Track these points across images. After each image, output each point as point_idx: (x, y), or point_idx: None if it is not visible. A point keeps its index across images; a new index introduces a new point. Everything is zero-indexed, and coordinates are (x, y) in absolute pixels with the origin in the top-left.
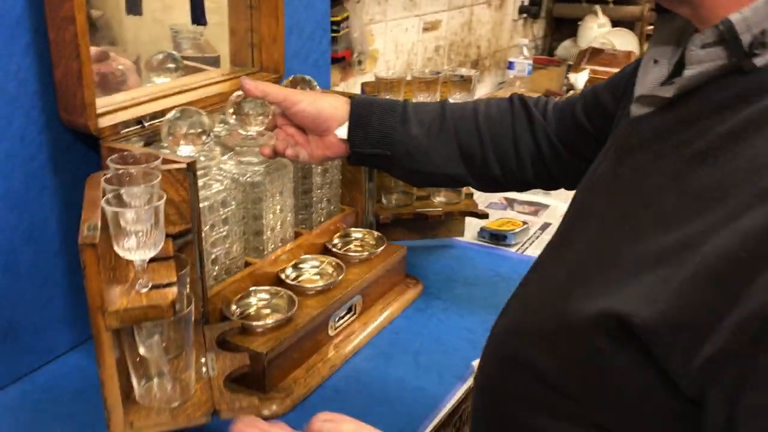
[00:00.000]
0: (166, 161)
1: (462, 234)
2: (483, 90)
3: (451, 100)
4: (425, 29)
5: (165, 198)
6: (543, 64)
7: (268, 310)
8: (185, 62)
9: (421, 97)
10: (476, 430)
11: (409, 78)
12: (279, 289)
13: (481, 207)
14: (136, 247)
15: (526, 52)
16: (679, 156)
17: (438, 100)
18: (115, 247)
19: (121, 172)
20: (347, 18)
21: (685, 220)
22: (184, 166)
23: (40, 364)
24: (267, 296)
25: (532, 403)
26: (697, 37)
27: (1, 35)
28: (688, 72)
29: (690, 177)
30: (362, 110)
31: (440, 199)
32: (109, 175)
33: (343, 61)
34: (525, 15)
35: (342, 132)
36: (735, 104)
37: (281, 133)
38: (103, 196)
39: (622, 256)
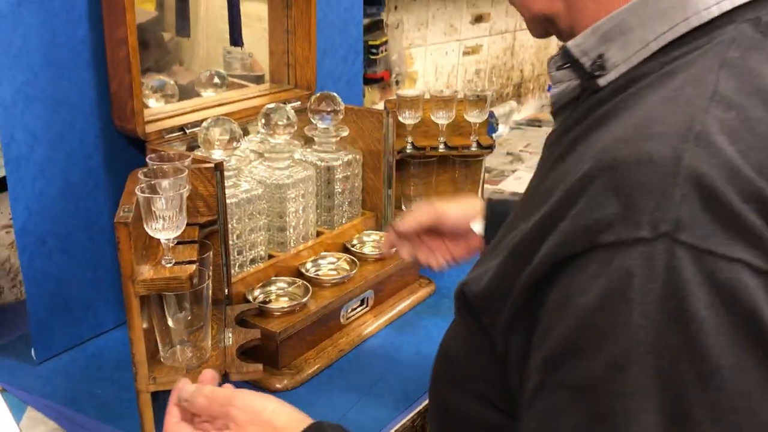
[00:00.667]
0: (197, 161)
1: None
2: (527, 111)
3: (467, 117)
4: (465, 53)
5: (188, 189)
6: None
7: (285, 297)
8: (231, 79)
9: (440, 114)
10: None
11: (427, 96)
12: (297, 279)
13: None
14: (162, 228)
15: None
16: (548, 162)
17: (454, 116)
18: (146, 228)
19: (155, 167)
20: (386, 42)
21: (525, 218)
22: (212, 165)
23: (89, 337)
24: (285, 285)
25: (442, 375)
26: (552, 59)
27: (67, 52)
28: (553, 90)
29: (544, 179)
30: (496, 208)
31: None
32: (146, 170)
33: (382, 82)
34: None
35: (477, 228)
36: (585, 116)
37: (423, 248)
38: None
39: (499, 246)
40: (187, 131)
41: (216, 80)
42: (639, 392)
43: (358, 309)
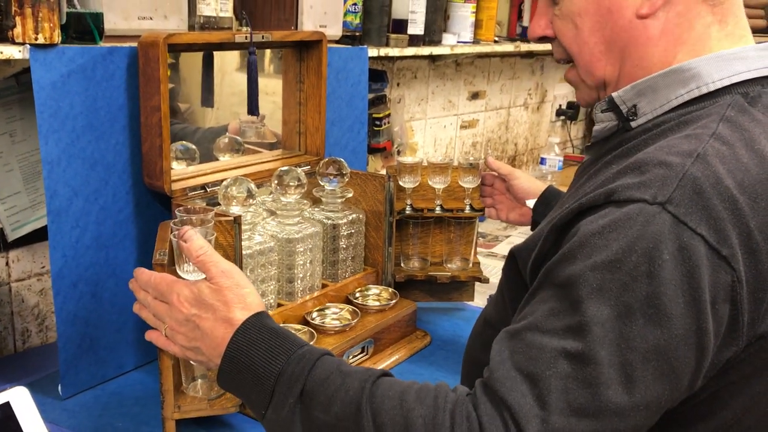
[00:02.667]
0: (218, 215)
1: (472, 299)
2: None
3: (461, 183)
4: (463, 127)
5: (214, 236)
6: (574, 161)
7: None
8: (247, 146)
9: (436, 179)
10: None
11: (425, 164)
12: (303, 326)
13: (487, 275)
14: (192, 271)
15: (556, 149)
16: (585, 176)
17: (449, 182)
18: (177, 270)
19: (185, 218)
20: (389, 115)
21: (565, 204)
22: (231, 218)
23: (112, 376)
24: (292, 331)
25: (480, 341)
26: (597, 105)
27: (106, 118)
28: (596, 127)
29: (583, 186)
30: (550, 193)
31: (451, 266)
32: (176, 220)
33: (385, 151)
34: (562, 117)
35: (531, 203)
36: (616, 147)
37: (498, 195)
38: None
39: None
40: (208, 189)
41: (234, 146)
42: (603, 290)
43: (359, 356)
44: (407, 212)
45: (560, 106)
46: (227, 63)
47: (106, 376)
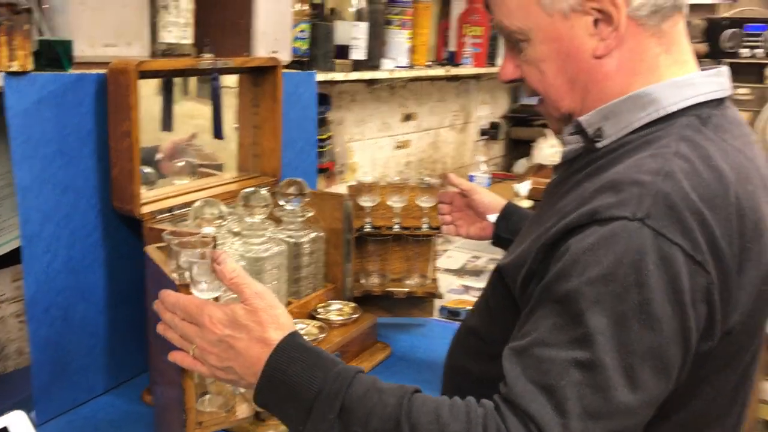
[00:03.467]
0: (200, 235)
1: (431, 315)
2: None
3: (418, 202)
4: (397, 147)
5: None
6: (501, 178)
7: None
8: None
9: (395, 198)
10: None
11: (383, 183)
12: None
13: (442, 291)
14: (207, 290)
15: (483, 167)
16: (557, 194)
17: (407, 201)
18: (193, 290)
19: (175, 240)
20: (331, 136)
21: (544, 224)
22: (210, 238)
23: (83, 400)
24: None
25: (464, 349)
26: (566, 129)
27: (75, 144)
28: (565, 149)
29: (557, 203)
30: (510, 208)
31: (410, 282)
32: (177, 242)
33: (328, 171)
34: (485, 137)
35: (492, 218)
36: (585, 167)
37: (456, 212)
38: (168, 255)
39: (522, 241)
40: (175, 212)
41: (188, 170)
42: (599, 302)
43: None
44: (366, 230)
45: (482, 126)
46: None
47: (77, 401)
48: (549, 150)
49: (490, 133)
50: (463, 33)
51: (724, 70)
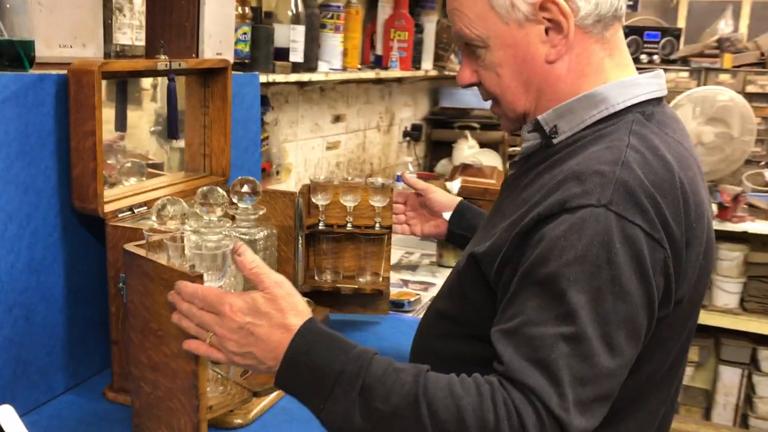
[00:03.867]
0: (163, 232)
1: (387, 312)
2: None
3: (371, 202)
4: (328, 148)
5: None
6: (424, 178)
7: None
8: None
9: (348, 198)
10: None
11: (336, 183)
12: None
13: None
14: (215, 280)
15: (410, 167)
16: (518, 186)
17: (359, 200)
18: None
19: (152, 236)
20: (267, 137)
21: (511, 214)
22: (179, 236)
23: (44, 400)
24: None
25: (435, 332)
26: (524, 127)
27: (36, 143)
28: (524, 145)
29: (520, 195)
30: (463, 206)
31: (363, 279)
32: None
33: (265, 172)
34: (408, 138)
35: (447, 215)
36: (543, 161)
37: (410, 212)
38: (148, 251)
39: (489, 232)
40: (135, 211)
41: (137, 170)
42: (578, 281)
43: None
44: (320, 227)
45: (405, 128)
46: None
47: (39, 401)
48: (469, 151)
49: (412, 134)
50: (391, 37)
51: (661, 73)
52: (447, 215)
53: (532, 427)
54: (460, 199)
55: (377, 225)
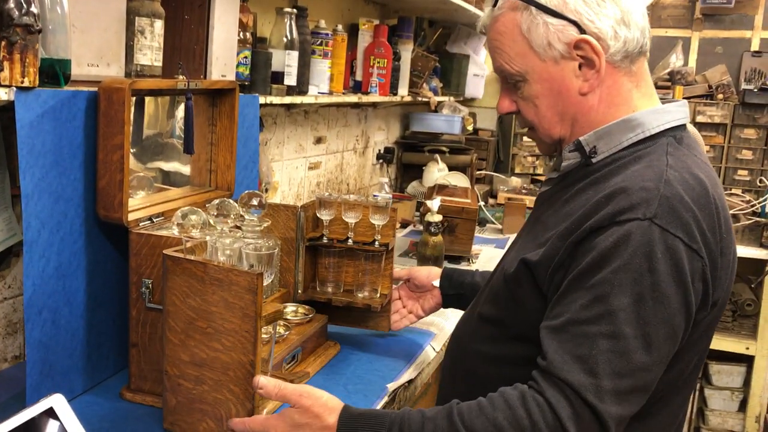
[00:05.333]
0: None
1: (387, 329)
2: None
3: (371, 220)
4: (310, 168)
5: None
6: (398, 199)
7: None
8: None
9: (349, 214)
10: (446, 374)
11: (339, 200)
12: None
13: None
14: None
15: (386, 188)
16: (558, 201)
17: (360, 218)
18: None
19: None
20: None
21: (556, 225)
22: (207, 241)
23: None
24: None
25: (479, 335)
26: (565, 147)
27: (68, 155)
28: (564, 164)
29: (562, 208)
30: (448, 271)
31: (362, 294)
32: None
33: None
34: (381, 160)
35: (436, 283)
36: (583, 178)
37: (407, 301)
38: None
39: (534, 241)
40: (154, 221)
41: (145, 184)
42: (621, 285)
43: (292, 362)
44: (323, 241)
45: (379, 150)
46: None
47: None
48: (438, 173)
49: (385, 157)
50: (371, 64)
51: (685, 102)
52: (436, 283)
53: (567, 419)
54: (440, 269)
55: (376, 242)
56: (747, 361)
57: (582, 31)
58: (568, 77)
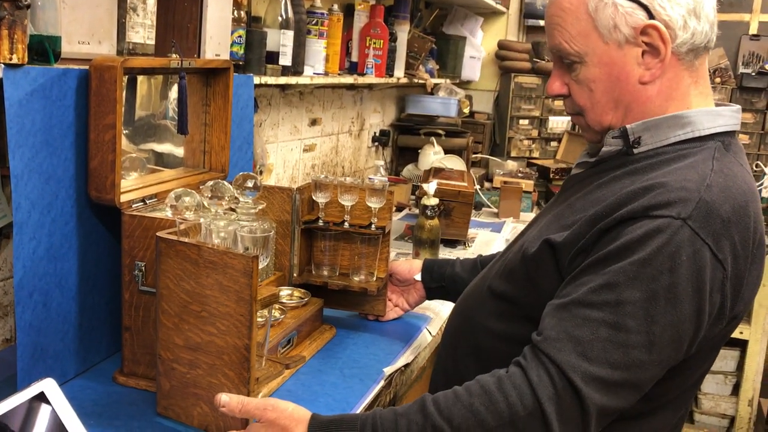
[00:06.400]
0: (183, 221)
1: (383, 313)
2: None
3: (367, 203)
4: (305, 150)
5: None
6: (393, 182)
7: None
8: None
9: (346, 197)
10: (448, 344)
11: (336, 182)
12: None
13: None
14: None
15: (382, 171)
16: (590, 185)
17: (356, 201)
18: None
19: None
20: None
21: (585, 209)
22: (196, 225)
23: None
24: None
25: (488, 310)
26: (610, 133)
27: (58, 135)
28: (605, 148)
29: (593, 193)
30: (429, 263)
31: (357, 277)
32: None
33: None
34: (377, 143)
35: (418, 277)
36: (621, 166)
37: (393, 296)
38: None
39: (559, 222)
40: (147, 202)
41: (138, 165)
42: (638, 279)
43: (288, 346)
44: (318, 224)
45: (374, 133)
46: None
47: None
48: (434, 156)
49: (380, 140)
50: (367, 45)
51: (739, 108)
52: (418, 276)
53: (547, 400)
54: (420, 261)
55: (372, 225)
56: (741, 345)
57: (651, 16)
58: (630, 64)
